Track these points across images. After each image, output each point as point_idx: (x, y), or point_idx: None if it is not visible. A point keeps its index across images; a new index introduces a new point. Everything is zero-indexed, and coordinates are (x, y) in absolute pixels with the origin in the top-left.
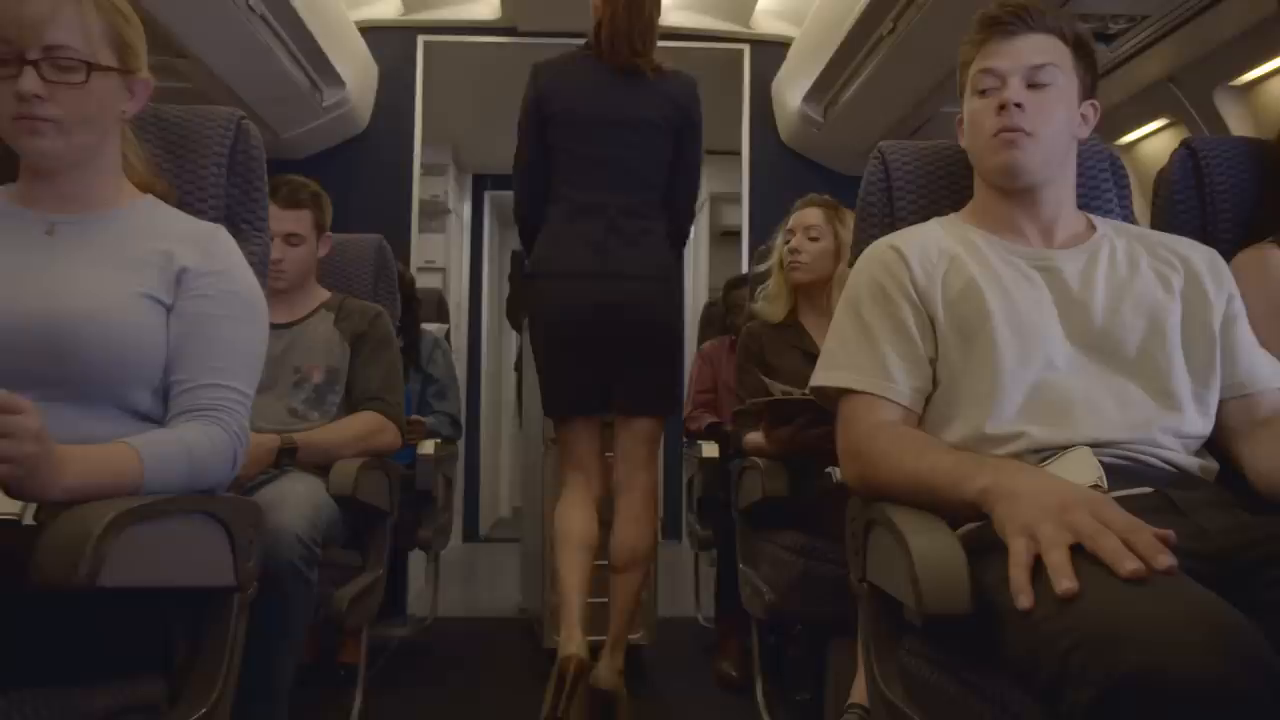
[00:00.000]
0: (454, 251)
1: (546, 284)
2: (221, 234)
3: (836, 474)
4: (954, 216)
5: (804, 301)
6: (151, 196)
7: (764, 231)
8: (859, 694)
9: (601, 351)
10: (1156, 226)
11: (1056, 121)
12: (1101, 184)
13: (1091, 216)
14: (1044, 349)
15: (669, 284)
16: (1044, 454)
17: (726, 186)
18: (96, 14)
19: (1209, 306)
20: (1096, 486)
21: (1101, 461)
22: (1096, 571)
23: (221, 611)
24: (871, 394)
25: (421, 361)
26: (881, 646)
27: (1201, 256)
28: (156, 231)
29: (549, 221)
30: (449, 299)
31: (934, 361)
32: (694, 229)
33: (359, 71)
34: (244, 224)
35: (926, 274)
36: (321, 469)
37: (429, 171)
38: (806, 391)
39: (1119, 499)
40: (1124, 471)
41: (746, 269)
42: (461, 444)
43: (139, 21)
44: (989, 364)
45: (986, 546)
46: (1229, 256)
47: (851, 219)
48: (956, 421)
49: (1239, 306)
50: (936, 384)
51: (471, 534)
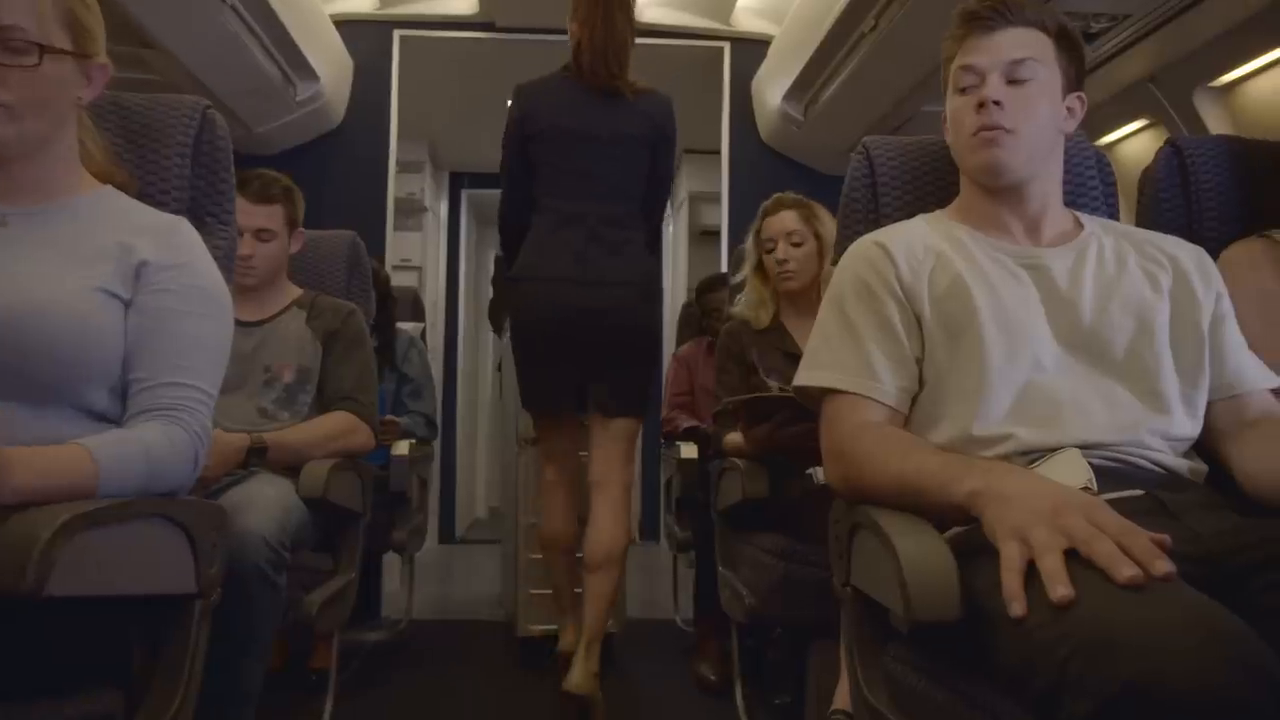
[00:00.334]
0: (431, 250)
1: (531, 288)
2: (184, 226)
3: (818, 475)
4: (940, 213)
5: (786, 303)
6: (110, 187)
7: (744, 231)
8: (842, 699)
9: (583, 353)
10: (1142, 225)
11: (1038, 117)
12: (1088, 181)
13: (1079, 214)
14: (1031, 348)
15: (649, 289)
16: (1032, 456)
17: (706, 186)
18: None
19: (1197, 306)
20: (1087, 489)
21: (1090, 463)
22: (1091, 577)
23: (182, 619)
24: (856, 394)
25: (397, 361)
26: (866, 652)
27: (1189, 255)
28: (115, 223)
29: (534, 230)
30: (425, 298)
31: (920, 360)
32: (673, 228)
33: (333, 65)
34: (209, 217)
35: (913, 271)
36: (292, 470)
37: (405, 169)
38: (785, 387)
39: (1109, 501)
40: (1113, 473)
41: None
42: (438, 444)
43: (96, 4)
44: (976, 361)
45: (975, 550)
46: (1215, 255)
47: (825, 213)
48: (943, 422)
49: (1227, 306)
50: (922, 384)
51: (448, 535)
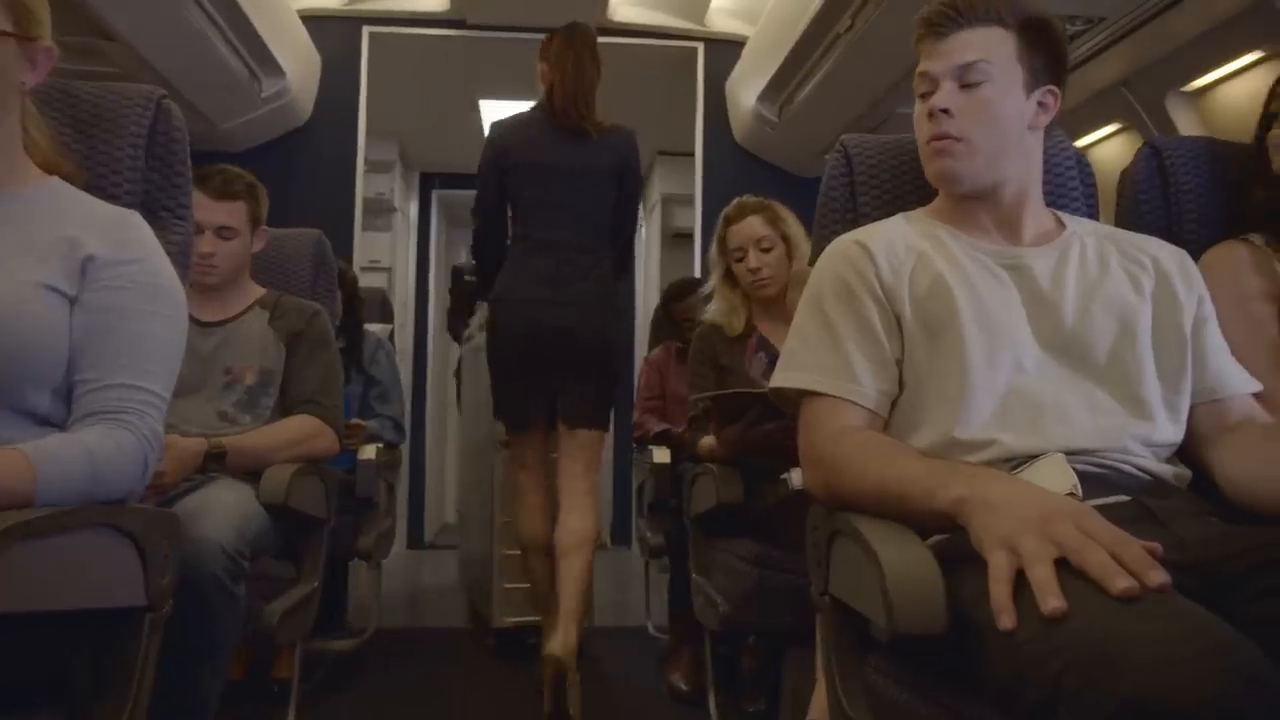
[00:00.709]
0: (400, 251)
1: (508, 308)
2: (134, 219)
3: (793, 479)
4: (920, 212)
5: (759, 309)
6: (56, 178)
7: None
8: (818, 708)
9: (553, 368)
10: (1121, 227)
11: (996, 120)
12: (1069, 182)
13: (1060, 214)
14: (1013, 350)
15: (616, 308)
16: (1015, 462)
17: (679, 188)
18: None
19: (1179, 308)
20: (1072, 494)
21: (1074, 469)
22: (1082, 587)
23: (131, 632)
24: (835, 396)
25: (364, 363)
26: (845, 663)
27: (1171, 257)
28: (60, 216)
29: (510, 256)
30: (394, 299)
31: (900, 362)
32: (645, 232)
33: (300, 61)
34: (164, 211)
35: (894, 270)
36: (252, 475)
37: (374, 168)
38: (760, 384)
39: (1096, 508)
40: (1097, 479)
41: (700, 272)
42: (406, 448)
43: None
44: (957, 362)
45: (960, 558)
46: (1195, 257)
47: (788, 213)
48: (924, 427)
49: (1209, 309)
50: (902, 386)
51: (416, 541)
